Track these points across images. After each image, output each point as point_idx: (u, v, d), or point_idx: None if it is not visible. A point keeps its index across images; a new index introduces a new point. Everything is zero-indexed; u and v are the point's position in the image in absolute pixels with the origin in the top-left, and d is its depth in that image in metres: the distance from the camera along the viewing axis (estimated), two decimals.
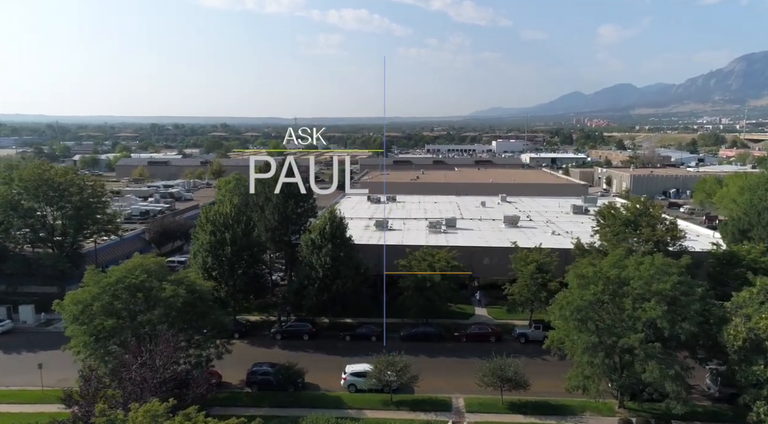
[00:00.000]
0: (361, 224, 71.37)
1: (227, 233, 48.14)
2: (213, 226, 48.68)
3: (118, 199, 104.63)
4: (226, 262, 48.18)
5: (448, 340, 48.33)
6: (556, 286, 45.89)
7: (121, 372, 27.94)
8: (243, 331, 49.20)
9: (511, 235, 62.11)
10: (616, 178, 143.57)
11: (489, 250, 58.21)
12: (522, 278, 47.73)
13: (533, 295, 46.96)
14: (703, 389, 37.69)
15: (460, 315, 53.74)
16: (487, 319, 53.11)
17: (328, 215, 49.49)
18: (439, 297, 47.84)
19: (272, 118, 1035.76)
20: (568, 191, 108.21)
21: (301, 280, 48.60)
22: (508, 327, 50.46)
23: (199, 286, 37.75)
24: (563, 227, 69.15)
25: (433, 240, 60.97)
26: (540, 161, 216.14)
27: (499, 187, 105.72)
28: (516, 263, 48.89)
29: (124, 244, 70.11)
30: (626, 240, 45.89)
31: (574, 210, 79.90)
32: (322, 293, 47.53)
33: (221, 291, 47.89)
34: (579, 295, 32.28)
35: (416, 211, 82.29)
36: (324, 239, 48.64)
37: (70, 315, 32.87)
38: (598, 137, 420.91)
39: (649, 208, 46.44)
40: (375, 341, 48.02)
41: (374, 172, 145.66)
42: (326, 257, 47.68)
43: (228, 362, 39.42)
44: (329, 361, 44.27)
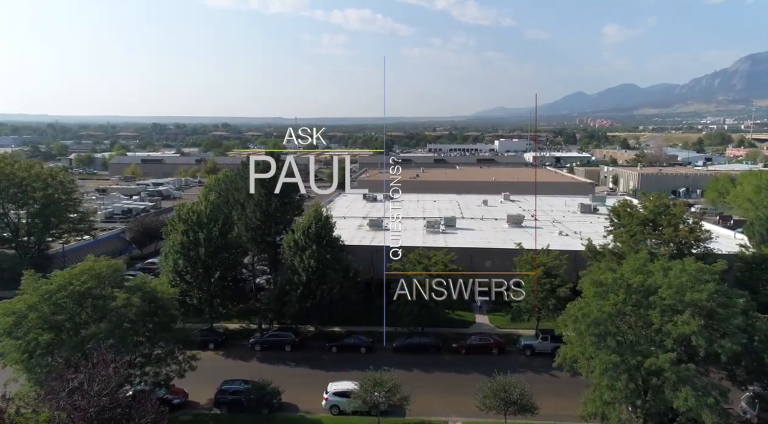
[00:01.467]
0: (354, 223, 66.72)
1: (201, 233, 43.46)
2: (186, 225, 44.00)
3: (103, 197, 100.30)
4: (200, 264, 43.55)
5: (446, 352, 43.58)
6: (565, 292, 41.18)
7: (48, 400, 23.22)
8: (219, 341, 44.52)
9: (516, 235, 57.30)
10: (623, 176, 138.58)
11: (491, 251, 53.38)
12: (527, 284, 42.98)
13: (540, 302, 42.19)
14: (738, 414, 32.82)
15: (460, 323, 48.96)
16: (489, 328, 48.32)
17: (312, 212, 44.77)
18: (435, 304, 43.06)
19: (275, 119, 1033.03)
20: (574, 190, 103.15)
21: (283, 285, 43.90)
22: (512, 337, 45.70)
23: (161, 293, 33.07)
24: (571, 226, 64.32)
25: (431, 241, 56.28)
26: (544, 160, 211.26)
27: (501, 185, 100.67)
28: (521, 267, 44.10)
29: (100, 245, 65.51)
30: (644, 241, 41.18)
31: (581, 209, 75.01)
32: (306, 299, 42.83)
33: (194, 297, 43.27)
34: (596, 305, 27.44)
35: (414, 210, 77.55)
36: (308, 240, 43.94)
37: (1, 328, 28.21)
38: (602, 137, 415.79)
39: (669, 206, 41.64)
40: (365, 353, 43.40)
41: (373, 170, 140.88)
42: (310, 260, 42.97)
43: (198, 377, 34.67)
44: (312, 376, 39.60)
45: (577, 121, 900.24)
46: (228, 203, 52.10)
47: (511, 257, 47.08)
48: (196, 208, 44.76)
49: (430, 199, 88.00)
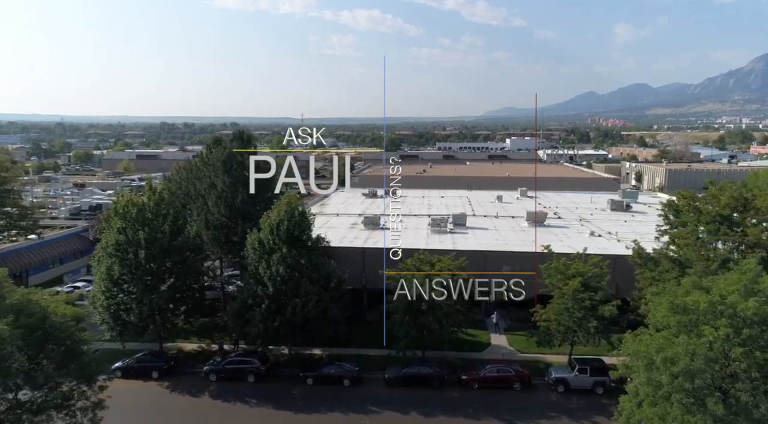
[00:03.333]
0: (347, 221, 57.22)
1: (142, 231, 34.11)
2: (123, 221, 34.69)
3: (78, 193, 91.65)
4: (141, 270, 34.27)
5: (453, 385, 33.89)
6: (612, 312, 31.39)
7: None
8: (166, 368, 35.18)
9: (539, 236, 47.31)
10: (647, 173, 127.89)
11: (510, 255, 43.42)
12: (560, 298, 33.26)
13: (577, 323, 32.41)
14: None
15: (470, 346, 39.21)
16: (509, 352, 38.53)
17: (284, 206, 35.23)
18: (439, 324, 33.47)
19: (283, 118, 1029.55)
20: (597, 186, 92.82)
21: (245, 298, 34.45)
22: (538, 365, 35.96)
23: (55, 313, 23.77)
24: (602, 226, 54.36)
25: (436, 242, 46.67)
26: (558, 158, 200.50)
27: (516, 181, 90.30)
28: (551, 276, 34.30)
29: (52, 245, 56.44)
30: (714, 244, 31.34)
31: (612, 206, 64.84)
32: (273, 316, 33.34)
33: (132, 313, 33.93)
34: (685, 345, 17.72)
35: (418, 206, 67.90)
36: (278, 241, 34.46)
37: None
38: (616, 135, 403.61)
39: (749, 200, 31.72)
40: (349, 386, 33.89)
41: (376, 166, 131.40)
42: (279, 266, 33.49)
43: (126, 418, 25.49)
44: (276, 419, 30.17)
45: (588, 121, 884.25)
46: (189, 196, 42.81)
47: (536, 262, 37.25)
48: (137, 200, 35.41)
49: (438, 195, 78.20)
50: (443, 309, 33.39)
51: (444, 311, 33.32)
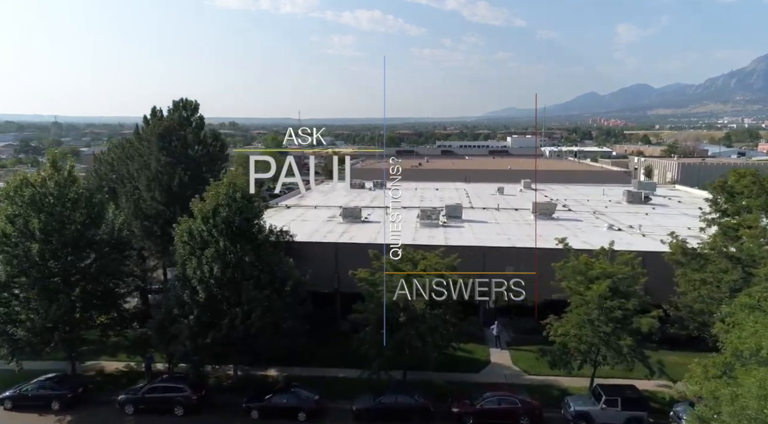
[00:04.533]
0: (324, 214, 49.41)
1: (36, 219, 26.28)
2: (13, 206, 26.87)
3: None
4: (36, 270, 26.45)
5: (441, 419, 26.05)
6: (651, 325, 23.55)
7: None
8: (69, 397, 27.26)
9: (548, 230, 39.35)
10: (658, 167, 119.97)
11: (513, 252, 35.41)
12: (581, 306, 25.37)
13: (603, 339, 24.52)
14: None
15: (465, 365, 31.28)
16: (513, 373, 30.59)
17: (223, 188, 27.31)
18: (422, 341, 25.58)
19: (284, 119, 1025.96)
20: (608, 179, 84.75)
21: (170, 306, 26.58)
22: (551, 392, 28.07)
23: None
24: (621, 219, 46.53)
25: (425, 237, 38.90)
26: (561, 154, 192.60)
27: (519, 173, 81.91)
28: (569, 278, 26.38)
29: None
30: None
31: (629, 198, 56.95)
32: (205, 331, 25.48)
33: (23, 325, 26.06)
34: None
35: (410, 198, 59.96)
36: (214, 231, 26.60)
37: None
38: (619, 134, 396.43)
39: None
40: (306, 421, 26.05)
41: (370, 159, 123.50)
42: (213, 264, 25.65)
43: None
44: None
45: (590, 121, 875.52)
46: (121, 179, 34.96)
47: (547, 260, 29.26)
48: (34, 179, 27.56)
49: (432, 187, 70.30)
50: (428, 321, 25.56)
51: (429, 324, 25.46)
